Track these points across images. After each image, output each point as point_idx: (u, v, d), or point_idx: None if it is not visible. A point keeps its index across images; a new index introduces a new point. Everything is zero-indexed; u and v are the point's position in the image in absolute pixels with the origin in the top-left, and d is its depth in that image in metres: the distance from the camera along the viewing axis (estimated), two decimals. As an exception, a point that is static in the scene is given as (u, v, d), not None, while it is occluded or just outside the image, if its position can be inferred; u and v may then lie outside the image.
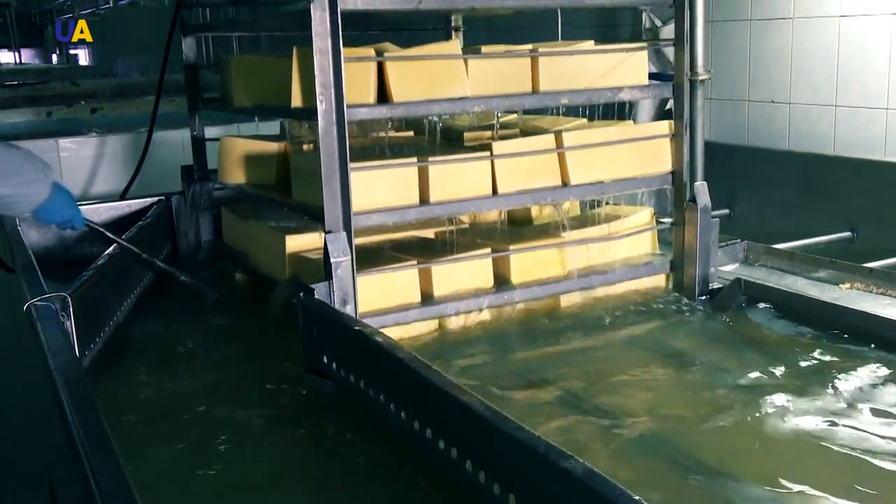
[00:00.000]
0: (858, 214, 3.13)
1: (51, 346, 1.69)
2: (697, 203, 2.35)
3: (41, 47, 19.88)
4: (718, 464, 1.54)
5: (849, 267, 2.45)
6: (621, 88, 2.32)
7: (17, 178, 2.22)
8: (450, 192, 2.15)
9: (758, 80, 3.67)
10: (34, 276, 2.16)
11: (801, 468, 1.52)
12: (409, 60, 2.13)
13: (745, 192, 3.61)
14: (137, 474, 1.21)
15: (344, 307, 1.99)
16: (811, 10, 3.40)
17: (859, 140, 3.27)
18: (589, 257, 2.39)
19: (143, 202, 3.07)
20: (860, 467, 1.52)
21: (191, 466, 1.66)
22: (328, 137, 1.93)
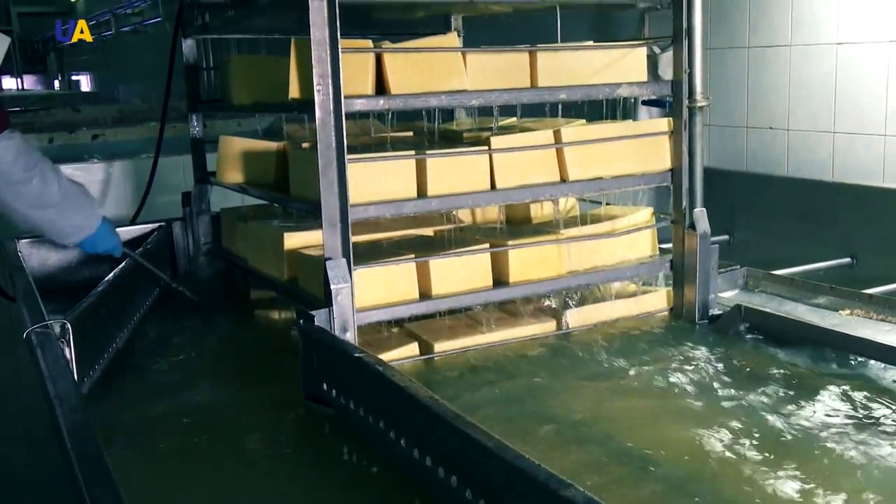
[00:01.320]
0: (858, 240, 3.13)
1: (50, 373, 1.69)
2: (697, 230, 2.35)
3: (43, 73, 20.00)
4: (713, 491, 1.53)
5: (848, 293, 2.45)
6: (619, 85, 2.32)
7: (77, 211, 2.53)
8: (448, 187, 2.14)
9: (756, 106, 3.69)
10: (34, 302, 2.17)
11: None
12: (408, 53, 2.14)
13: (744, 218, 3.62)
14: (135, 501, 1.20)
15: (344, 334, 1.99)
16: (808, 37, 3.42)
17: (858, 166, 3.28)
18: (588, 257, 2.37)
19: (144, 228, 3.08)
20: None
21: (189, 495, 1.65)
22: (325, 128, 1.93)
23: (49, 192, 2.43)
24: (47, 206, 2.45)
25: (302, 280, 2.28)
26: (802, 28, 3.44)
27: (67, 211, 2.50)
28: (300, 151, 2.31)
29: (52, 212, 2.46)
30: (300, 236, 2.35)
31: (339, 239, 1.98)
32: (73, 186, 2.52)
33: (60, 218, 2.49)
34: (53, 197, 2.44)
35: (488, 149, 2.20)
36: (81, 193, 2.55)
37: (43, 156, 2.48)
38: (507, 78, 2.23)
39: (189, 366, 2.32)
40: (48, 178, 2.43)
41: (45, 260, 2.97)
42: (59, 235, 2.55)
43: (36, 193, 2.41)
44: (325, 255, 1.98)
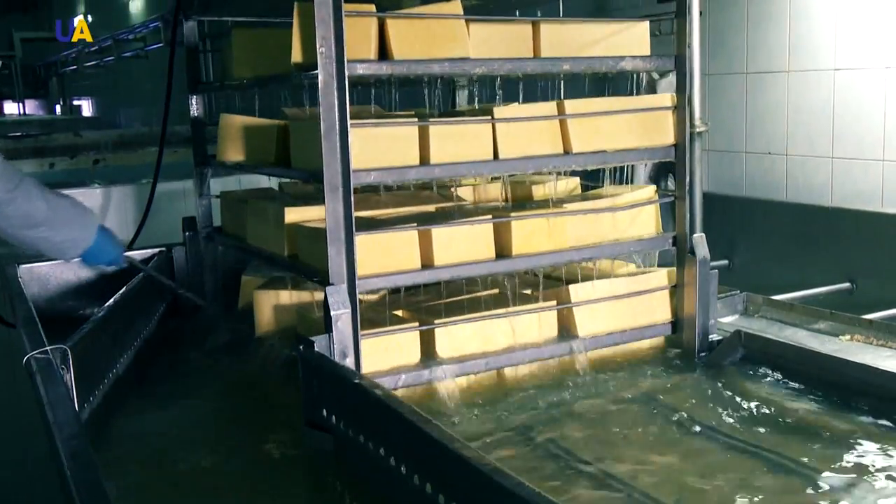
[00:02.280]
0: (857, 265, 3.14)
1: (50, 400, 1.69)
2: (696, 255, 2.35)
3: (45, 98, 20.08)
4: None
5: (848, 319, 2.45)
6: (623, 58, 2.31)
7: (69, 226, 2.43)
8: (450, 156, 2.12)
9: (755, 132, 3.71)
10: (34, 328, 2.17)
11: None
12: (411, 19, 2.12)
13: (743, 243, 3.63)
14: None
15: (344, 360, 1.98)
16: (806, 63, 3.45)
17: (856, 191, 3.29)
18: (591, 234, 2.33)
19: (145, 253, 3.08)
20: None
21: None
22: (328, 91, 1.91)
23: (36, 210, 2.34)
24: (37, 225, 2.36)
25: (302, 253, 2.26)
26: (800, 54, 3.47)
27: (59, 226, 2.40)
28: (301, 123, 2.29)
29: (43, 230, 2.38)
30: (301, 211, 2.32)
31: (342, 204, 1.95)
32: (61, 200, 2.43)
33: (54, 234, 2.40)
34: (41, 214, 2.35)
35: (491, 118, 2.18)
36: (71, 206, 2.46)
37: (25, 175, 2.40)
38: (510, 50, 2.21)
39: (190, 391, 2.32)
40: (33, 196, 2.34)
41: (45, 285, 2.97)
42: (57, 252, 2.48)
43: (22, 213, 2.33)
44: (326, 222, 1.95)
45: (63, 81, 18.86)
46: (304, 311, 2.32)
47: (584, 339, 2.29)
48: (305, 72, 2.06)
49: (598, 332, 2.32)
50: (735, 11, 3.71)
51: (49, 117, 15.52)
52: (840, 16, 3.28)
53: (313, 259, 2.15)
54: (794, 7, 3.46)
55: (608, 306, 2.34)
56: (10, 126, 11.06)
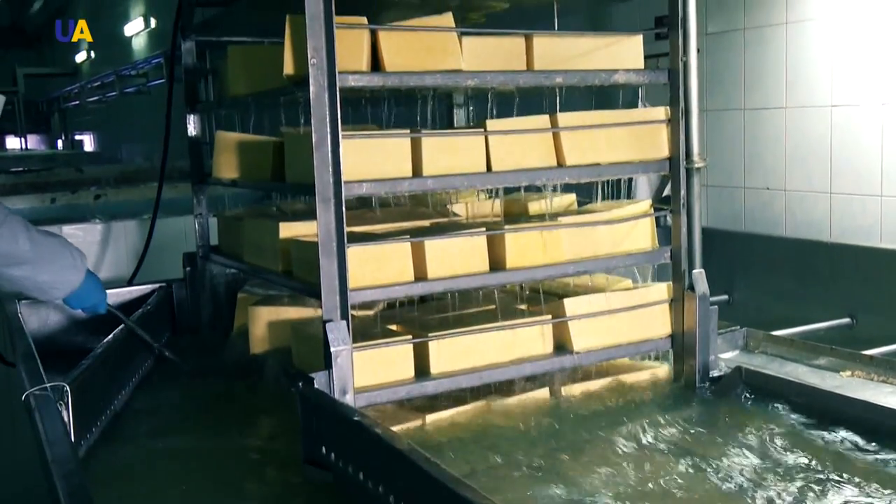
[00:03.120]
0: (857, 301, 3.14)
1: (48, 437, 1.69)
2: (696, 291, 2.35)
3: (47, 133, 20.20)
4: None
5: (849, 354, 2.45)
6: (616, 71, 2.31)
7: (55, 265, 2.40)
8: (443, 169, 2.12)
9: (753, 167, 3.72)
10: (33, 364, 2.17)
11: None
12: (403, 32, 2.12)
13: (743, 278, 3.63)
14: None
15: (343, 396, 1.98)
16: (803, 100, 3.47)
17: (855, 227, 3.30)
18: (586, 248, 2.32)
19: (145, 288, 3.08)
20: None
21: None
22: (319, 102, 1.91)
23: (19, 248, 2.31)
24: (21, 264, 2.33)
25: (296, 268, 2.26)
26: (797, 90, 3.49)
27: (43, 265, 2.37)
28: (295, 136, 2.30)
29: (27, 268, 2.34)
30: (295, 226, 2.32)
31: (333, 215, 1.94)
32: (48, 240, 2.39)
33: (37, 274, 2.37)
34: (25, 254, 2.32)
35: (484, 131, 2.18)
36: (59, 246, 2.42)
37: (11, 212, 2.35)
38: (504, 64, 2.21)
39: (189, 429, 2.31)
40: (18, 233, 2.31)
41: (45, 321, 2.97)
42: (40, 292, 2.44)
43: (5, 252, 2.29)
44: (318, 235, 1.94)
45: (65, 116, 18.99)
46: (298, 327, 2.31)
47: (579, 353, 2.28)
48: (297, 84, 2.06)
49: (593, 346, 2.30)
50: (732, 48, 3.74)
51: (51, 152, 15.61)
52: (836, 53, 3.31)
53: (307, 273, 2.14)
54: (790, 44, 3.49)
55: (604, 321, 2.33)
56: (11, 161, 11.11)
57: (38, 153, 15.38)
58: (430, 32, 2.15)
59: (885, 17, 3.13)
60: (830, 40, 3.33)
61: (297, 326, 2.30)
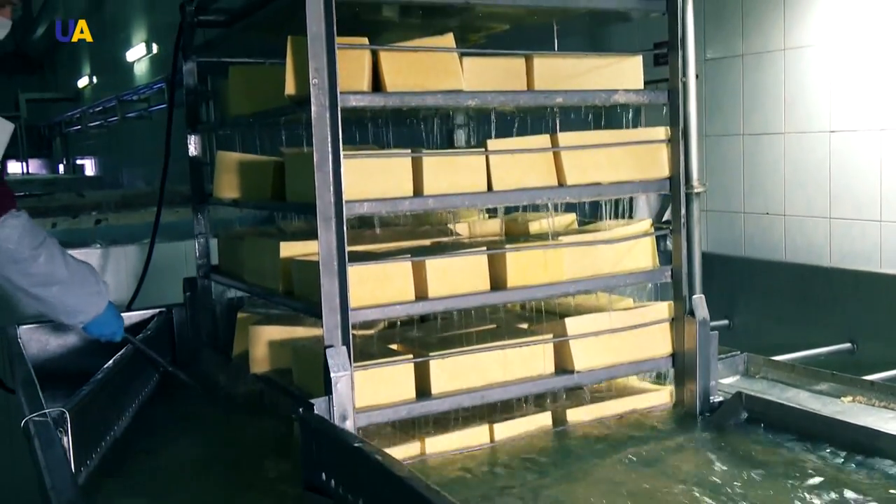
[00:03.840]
0: (858, 326, 3.14)
1: (48, 464, 1.68)
2: (696, 316, 2.35)
3: (48, 158, 20.28)
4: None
5: (850, 380, 2.44)
6: (616, 91, 2.32)
7: (83, 290, 2.52)
8: (444, 188, 2.12)
9: (752, 192, 3.73)
10: (33, 390, 2.16)
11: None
12: (404, 52, 2.13)
13: (743, 303, 3.63)
14: None
15: (343, 422, 1.97)
16: (802, 125, 3.49)
17: (854, 251, 3.30)
18: (587, 267, 2.32)
19: (145, 313, 3.08)
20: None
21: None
22: (321, 122, 1.92)
23: (56, 270, 2.43)
24: (53, 284, 2.44)
25: (297, 287, 2.25)
26: (795, 116, 3.51)
27: (74, 289, 2.48)
28: (296, 156, 2.30)
29: (57, 289, 2.45)
30: (296, 246, 2.32)
31: (334, 234, 1.94)
32: (80, 265, 2.52)
33: (66, 296, 2.48)
34: (61, 275, 2.44)
35: (485, 150, 2.19)
36: (89, 273, 2.55)
37: (49, 235, 2.49)
38: (504, 84, 2.22)
39: (188, 455, 2.30)
40: (55, 255, 2.44)
41: (44, 346, 2.97)
42: (67, 314, 2.52)
43: (43, 272, 2.42)
44: (319, 254, 1.94)
45: (67, 141, 19.09)
46: (299, 348, 2.30)
47: (580, 372, 2.27)
48: (298, 104, 2.07)
49: (595, 366, 2.30)
50: (731, 74, 3.76)
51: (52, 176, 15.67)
52: (834, 79, 3.33)
53: (308, 292, 2.15)
54: (788, 70, 3.51)
55: (605, 340, 2.33)
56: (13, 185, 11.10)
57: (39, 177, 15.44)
58: (431, 53, 2.16)
59: (882, 44, 3.15)
60: (828, 66, 3.35)
61: (298, 348, 2.30)
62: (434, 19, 2.40)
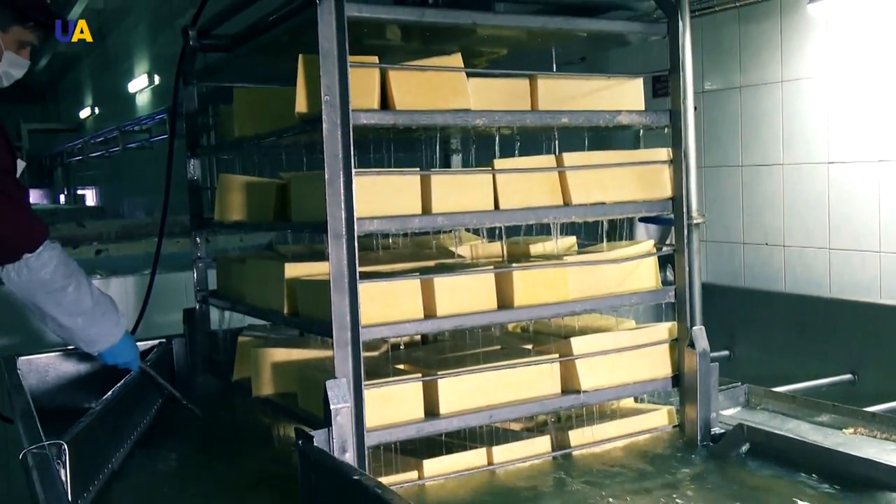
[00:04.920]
0: (858, 357, 3.13)
1: (46, 496, 1.67)
2: (696, 347, 2.35)
3: (50, 188, 20.33)
4: None
5: (851, 412, 2.43)
6: (620, 112, 2.35)
7: (105, 320, 2.64)
8: (452, 207, 2.14)
9: (751, 223, 3.74)
10: (32, 422, 2.15)
11: None
12: (412, 71, 2.15)
13: (744, 334, 3.63)
14: None
15: (343, 454, 1.97)
16: (800, 156, 3.50)
17: (854, 282, 3.30)
18: (591, 288, 2.34)
19: (145, 344, 3.07)
20: None
21: None
22: (332, 139, 1.93)
23: (83, 299, 2.56)
24: (80, 314, 2.56)
25: (303, 308, 2.25)
26: (794, 147, 3.53)
27: (97, 319, 2.60)
28: (303, 176, 2.31)
29: (81, 319, 2.57)
30: (301, 267, 2.33)
31: (345, 251, 1.94)
32: (103, 297, 2.65)
33: (89, 326, 2.60)
34: (86, 305, 2.57)
35: (492, 169, 2.21)
36: (110, 303, 2.67)
37: (78, 265, 2.61)
38: (509, 104, 2.25)
39: (187, 488, 2.29)
40: (83, 286, 2.57)
41: (43, 377, 2.96)
42: (87, 342, 2.63)
43: (72, 301, 2.54)
44: (330, 271, 1.94)
45: (68, 171, 19.14)
46: (304, 371, 2.29)
47: (587, 392, 2.27)
48: (310, 122, 2.08)
49: (600, 385, 2.30)
50: (729, 106, 3.79)
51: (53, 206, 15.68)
52: (832, 111, 3.35)
53: (315, 312, 2.15)
54: (786, 102, 3.54)
55: (611, 360, 2.33)
56: (14, 216, 11.11)
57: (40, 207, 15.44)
58: (439, 73, 2.18)
59: (879, 75, 3.18)
60: (826, 98, 3.37)
61: (303, 370, 2.30)
62: (436, 44, 2.43)
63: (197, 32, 2.86)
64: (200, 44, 2.87)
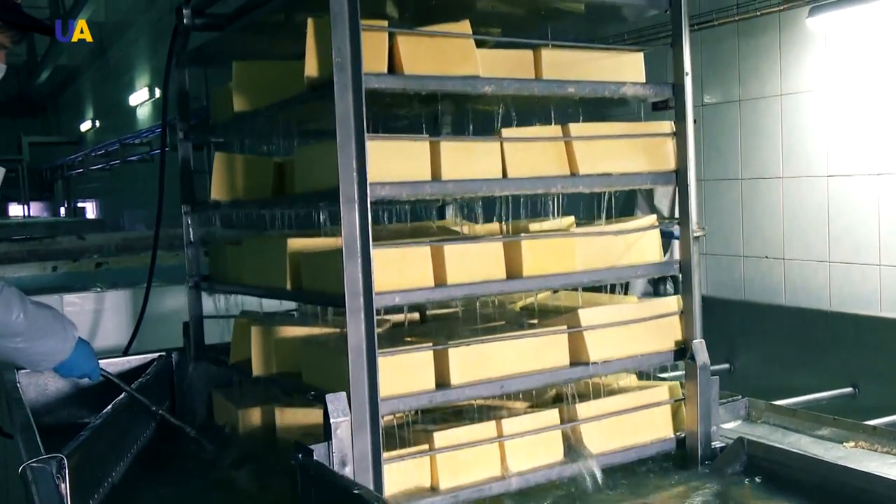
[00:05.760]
0: (859, 370, 3.13)
1: (44, 511, 1.67)
2: (696, 361, 2.35)
3: (50, 201, 20.35)
4: None
5: (852, 425, 2.43)
6: (624, 83, 2.36)
7: (47, 339, 2.42)
8: (461, 174, 2.14)
9: (752, 236, 3.75)
10: (31, 435, 2.15)
11: None
12: (421, 37, 2.13)
13: (744, 347, 3.62)
14: None
15: (343, 469, 1.96)
16: (800, 170, 3.51)
17: (854, 295, 3.30)
18: (599, 258, 2.34)
19: (144, 358, 3.06)
20: None
21: None
22: (344, 103, 1.91)
23: (12, 321, 2.33)
24: (14, 335, 2.35)
25: (308, 282, 2.23)
26: (793, 161, 3.53)
27: (36, 339, 2.39)
28: (309, 148, 2.29)
29: (19, 341, 2.36)
30: (302, 241, 2.31)
31: (357, 216, 1.92)
32: (41, 311, 2.42)
33: (29, 346, 2.39)
34: (18, 326, 2.34)
35: (500, 137, 2.20)
36: (51, 318, 2.45)
37: (7, 284, 2.37)
38: (514, 73, 2.25)
39: (186, 502, 2.28)
40: (12, 306, 2.33)
41: (43, 391, 2.96)
42: (31, 363, 2.47)
43: (2, 324, 2.32)
44: (342, 236, 1.92)
45: (68, 184, 19.17)
46: (308, 347, 2.26)
47: (595, 364, 2.26)
48: (319, 87, 2.06)
49: (609, 357, 2.29)
50: (728, 119, 3.80)
51: (53, 219, 15.69)
52: (831, 124, 3.36)
53: (321, 285, 2.14)
54: (785, 115, 3.55)
55: (618, 333, 2.32)
56: (14, 228, 11.16)
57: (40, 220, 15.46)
58: (448, 40, 2.17)
59: (878, 89, 3.19)
60: (825, 111, 3.38)
61: (307, 345, 2.28)
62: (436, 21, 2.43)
63: (192, 10, 2.79)
64: (194, 23, 2.80)
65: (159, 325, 3.29)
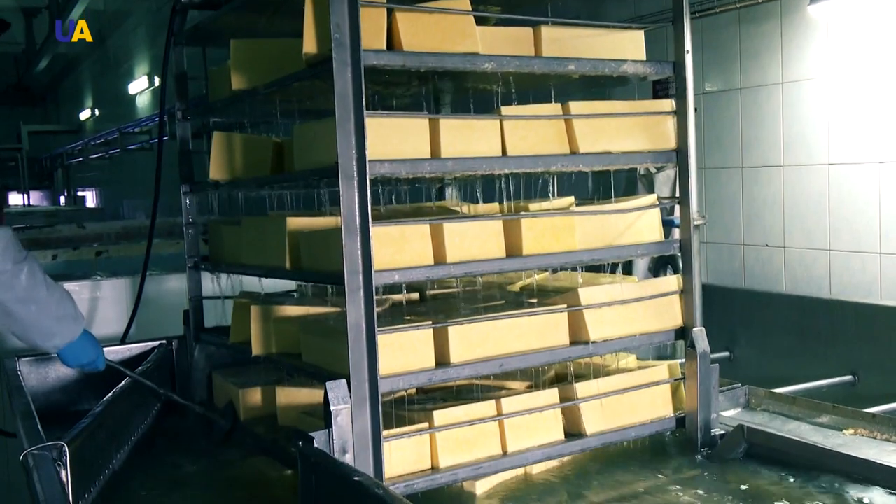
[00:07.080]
0: (859, 358, 3.13)
1: (46, 498, 1.67)
2: (696, 349, 2.35)
3: (50, 189, 20.32)
4: None
5: (851, 412, 2.43)
6: (625, 61, 2.35)
7: (60, 312, 2.45)
8: (460, 152, 2.13)
9: (752, 224, 3.74)
10: (32, 423, 2.15)
11: None
12: (420, 13, 2.12)
13: (744, 335, 3.63)
14: None
15: (343, 456, 1.96)
16: (800, 158, 3.50)
17: (854, 284, 3.30)
18: (598, 236, 2.34)
19: (144, 346, 3.07)
20: None
21: None
22: (343, 79, 1.90)
23: (36, 286, 2.38)
24: (33, 302, 2.38)
25: (307, 261, 2.24)
26: (794, 149, 3.53)
27: (52, 309, 2.42)
28: (308, 126, 2.28)
29: (35, 309, 2.39)
30: (302, 220, 2.30)
31: (357, 193, 1.92)
32: (58, 288, 2.47)
33: (44, 318, 2.41)
34: (40, 292, 2.39)
35: (499, 115, 2.20)
36: (67, 297, 2.50)
37: (31, 253, 2.44)
38: (514, 51, 2.25)
39: (187, 489, 2.29)
40: (36, 272, 2.39)
41: (44, 379, 2.96)
42: (40, 336, 2.44)
43: (24, 286, 2.35)
44: (341, 213, 1.92)
45: (68, 173, 19.14)
46: (307, 326, 2.27)
47: (595, 343, 2.26)
48: (318, 64, 2.05)
49: (608, 336, 2.30)
50: (730, 107, 3.79)
51: (53, 208, 15.68)
52: (832, 112, 3.35)
53: (320, 263, 2.14)
54: (786, 104, 3.54)
55: (618, 312, 2.33)
56: (14, 217, 11.15)
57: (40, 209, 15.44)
58: (447, 16, 2.16)
59: (879, 77, 3.18)
60: (826, 100, 3.37)
61: (306, 324, 2.29)
62: None
63: None
64: (192, 0, 2.80)
65: (160, 313, 3.29)
